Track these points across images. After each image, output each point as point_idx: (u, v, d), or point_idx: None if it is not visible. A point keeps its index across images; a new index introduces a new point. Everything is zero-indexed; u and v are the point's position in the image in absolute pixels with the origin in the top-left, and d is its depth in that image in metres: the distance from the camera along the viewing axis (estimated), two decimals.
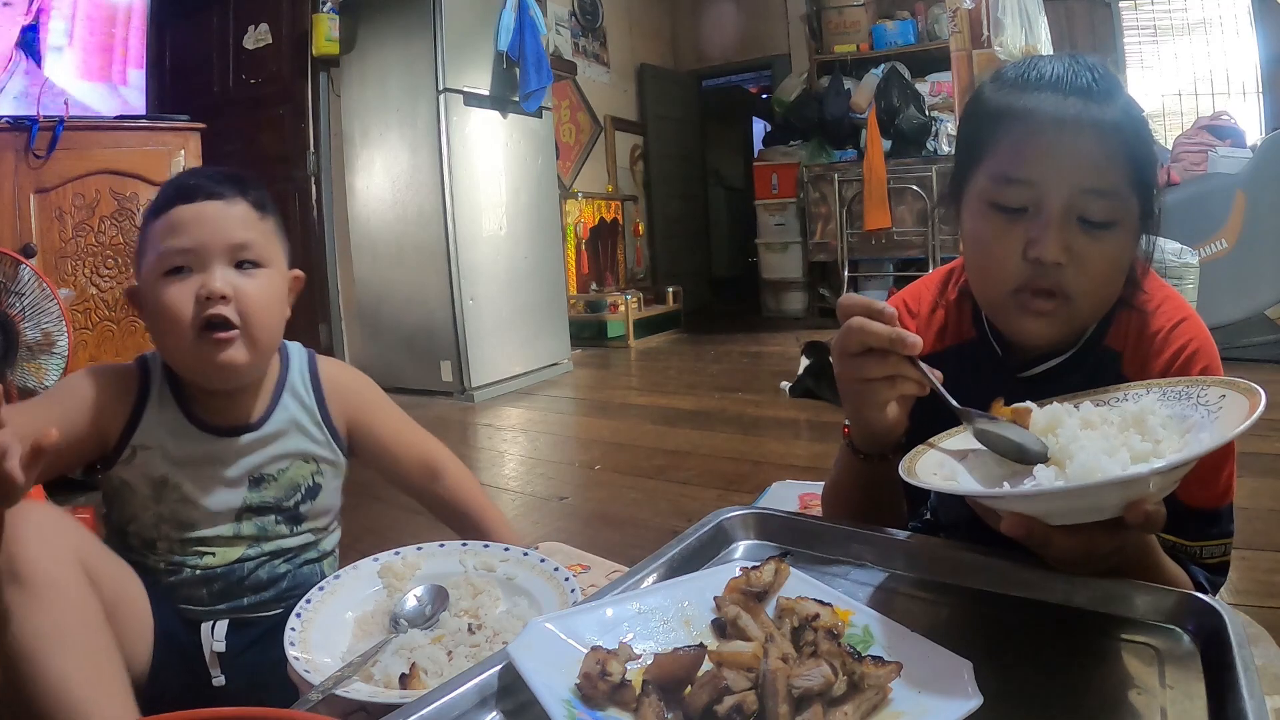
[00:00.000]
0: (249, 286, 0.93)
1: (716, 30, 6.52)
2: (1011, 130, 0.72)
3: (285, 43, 3.62)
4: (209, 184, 0.95)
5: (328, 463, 1.05)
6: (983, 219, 0.75)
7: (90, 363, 2.34)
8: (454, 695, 0.54)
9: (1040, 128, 0.70)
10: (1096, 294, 0.73)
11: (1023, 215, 0.72)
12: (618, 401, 3.53)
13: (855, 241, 5.39)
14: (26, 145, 2.22)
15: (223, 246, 0.93)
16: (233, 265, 0.93)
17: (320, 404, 1.04)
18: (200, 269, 0.91)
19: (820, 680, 0.50)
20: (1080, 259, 0.71)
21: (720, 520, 0.81)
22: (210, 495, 0.96)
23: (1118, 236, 0.72)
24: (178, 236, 0.91)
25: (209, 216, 0.93)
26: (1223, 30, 4.79)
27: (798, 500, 1.97)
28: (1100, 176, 0.69)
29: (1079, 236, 0.70)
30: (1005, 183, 0.72)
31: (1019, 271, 0.72)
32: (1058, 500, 0.57)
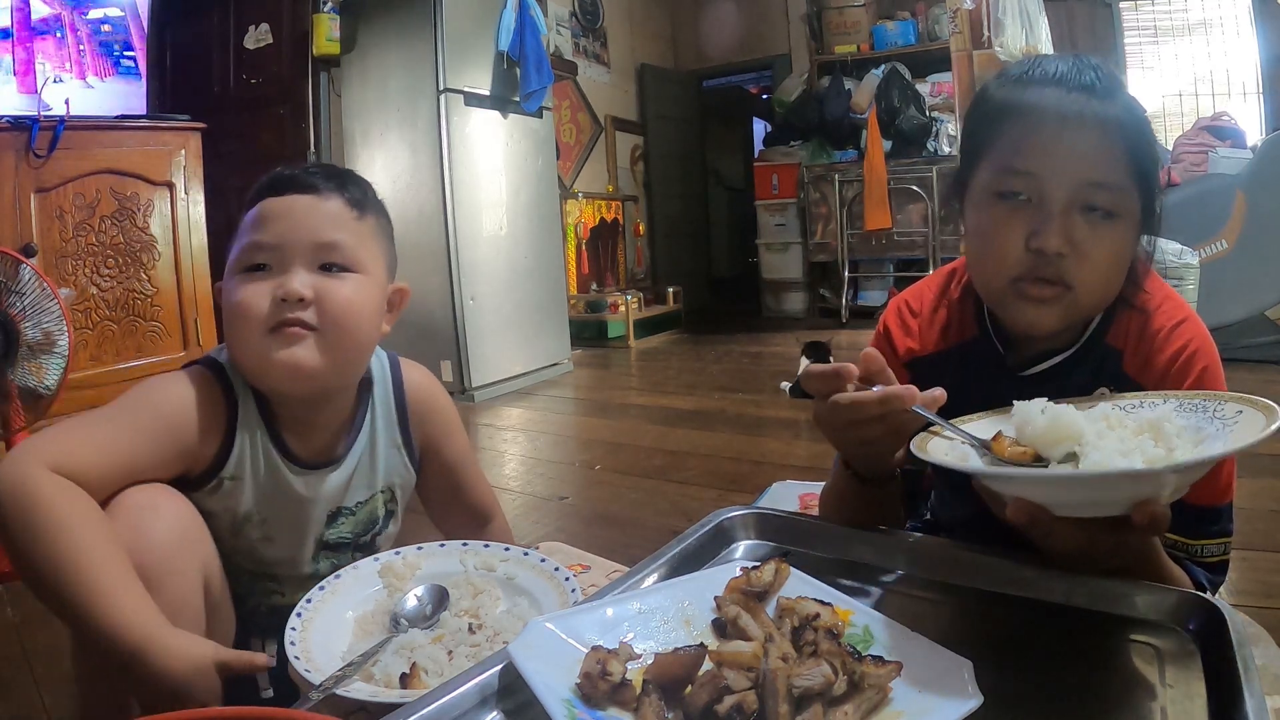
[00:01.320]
0: (333, 290, 0.84)
1: (717, 30, 6.52)
2: (1015, 124, 0.73)
3: (286, 42, 3.62)
4: (303, 176, 0.86)
5: (402, 488, 0.99)
6: (986, 210, 0.76)
7: (91, 363, 2.35)
8: (454, 695, 0.54)
9: (1043, 121, 0.71)
10: (1097, 285, 0.74)
11: (1025, 206, 0.73)
12: (618, 401, 3.53)
13: (855, 242, 5.39)
14: (27, 145, 2.22)
15: (308, 245, 0.84)
16: (318, 267, 0.85)
17: (403, 419, 0.97)
18: (281, 268, 0.83)
19: (820, 680, 0.50)
20: (1081, 250, 0.71)
21: (720, 520, 0.81)
22: (290, 534, 0.91)
23: (1119, 229, 0.72)
24: (261, 231, 0.84)
25: (297, 211, 0.85)
26: (1223, 31, 4.79)
27: (798, 500, 1.97)
28: (1102, 169, 0.70)
29: (1081, 227, 0.71)
30: (1009, 174, 0.73)
31: (1021, 261, 0.73)
32: (1068, 488, 0.57)
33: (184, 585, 0.75)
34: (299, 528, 0.92)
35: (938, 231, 5.04)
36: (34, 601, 1.52)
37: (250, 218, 0.85)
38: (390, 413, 0.97)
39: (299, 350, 0.83)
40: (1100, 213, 0.71)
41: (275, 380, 0.86)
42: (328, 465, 0.92)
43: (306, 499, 0.91)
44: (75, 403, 2.22)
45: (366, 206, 0.90)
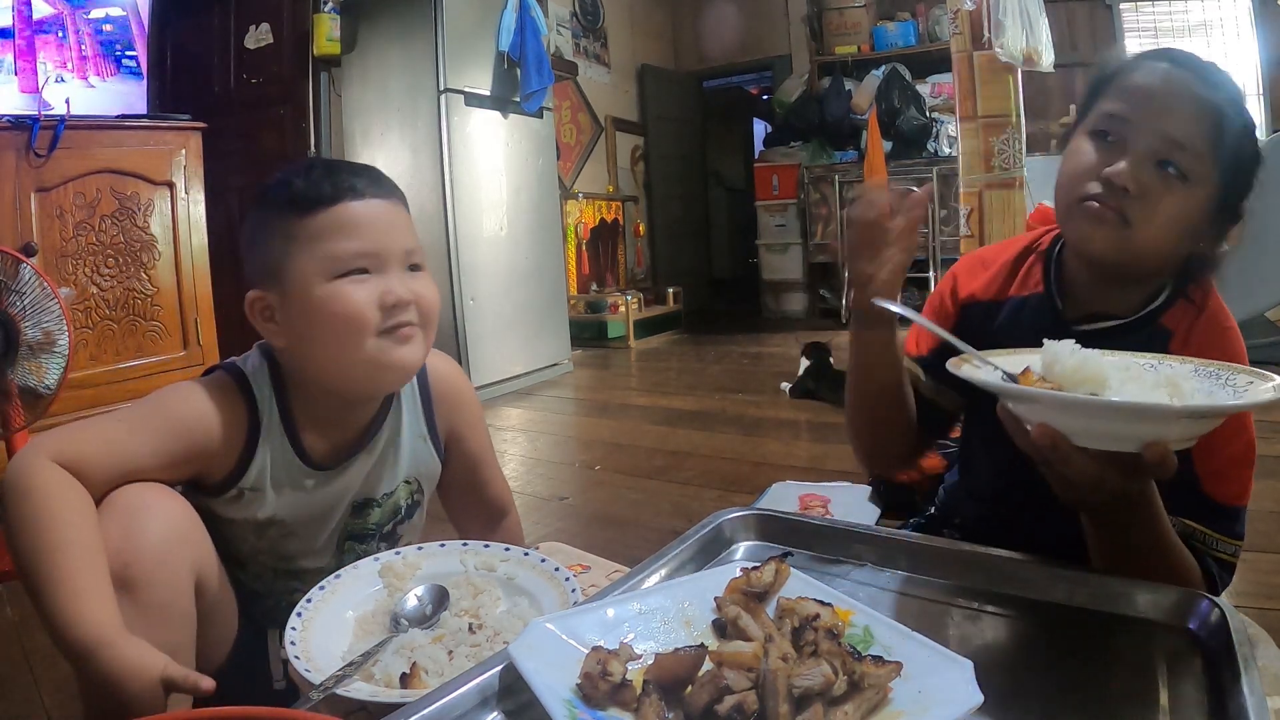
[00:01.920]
0: (425, 289, 0.88)
1: (717, 31, 6.52)
2: (1124, 78, 0.80)
3: (286, 42, 3.62)
4: (365, 182, 0.86)
5: (427, 478, 1.00)
6: (1079, 142, 0.83)
7: (91, 362, 2.34)
8: (455, 695, 0.54)
9: (1149, 79, 0.79)
10: (1152, 235, 0.78)
11: (1112, 146, 0.79)
12: (618, 402, 3.53)
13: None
14: (28, 144, 2.22)
15: (401, 250, 0.86)
16: (405, 268, 0.87)
17: (428, 409, 0.98)
18: (380, 273, 0.84)
19: (820, 680, 0.50)
20: (1147, 194, 0.76)
21: (721, 521, 0.81)
22: (313, 530, 0.91)
23: (1188, 194, 0.77)
24: (354, 237, 0.83)
25: (384, 217, 0.86)
26: (1223, 32, 4.79)
27: (798, 501, 1.97)
28: (1186, 132, 0.76)
29: (1152, 175, 0.76)
30: (1104, 117, 0.80)
31: (1092, 186, 0.79)
32: (1091, 412, 0.59)
33: (174, 585, 0.75)
34: (321, 523, 0.92)
35: (938, 233, 5.05)
36: None
37: (326, 222, 0.83)
38: (416, 403, 0.97)
39: (411, 349, 0.86)
40: (1175, 172, 0.76)
41: (387, 381, 0.89)
42: (348, 460, 0.92)
43: (327, 496, 0.91)
44: (75, 402, 2.22)
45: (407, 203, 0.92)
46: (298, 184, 0.84)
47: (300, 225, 0.83)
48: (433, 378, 0.99)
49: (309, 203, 0.83)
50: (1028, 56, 3.84)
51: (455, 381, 1.02)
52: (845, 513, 1.86)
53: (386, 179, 0.89)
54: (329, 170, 0.85)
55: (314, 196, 0.83)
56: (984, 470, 0.98)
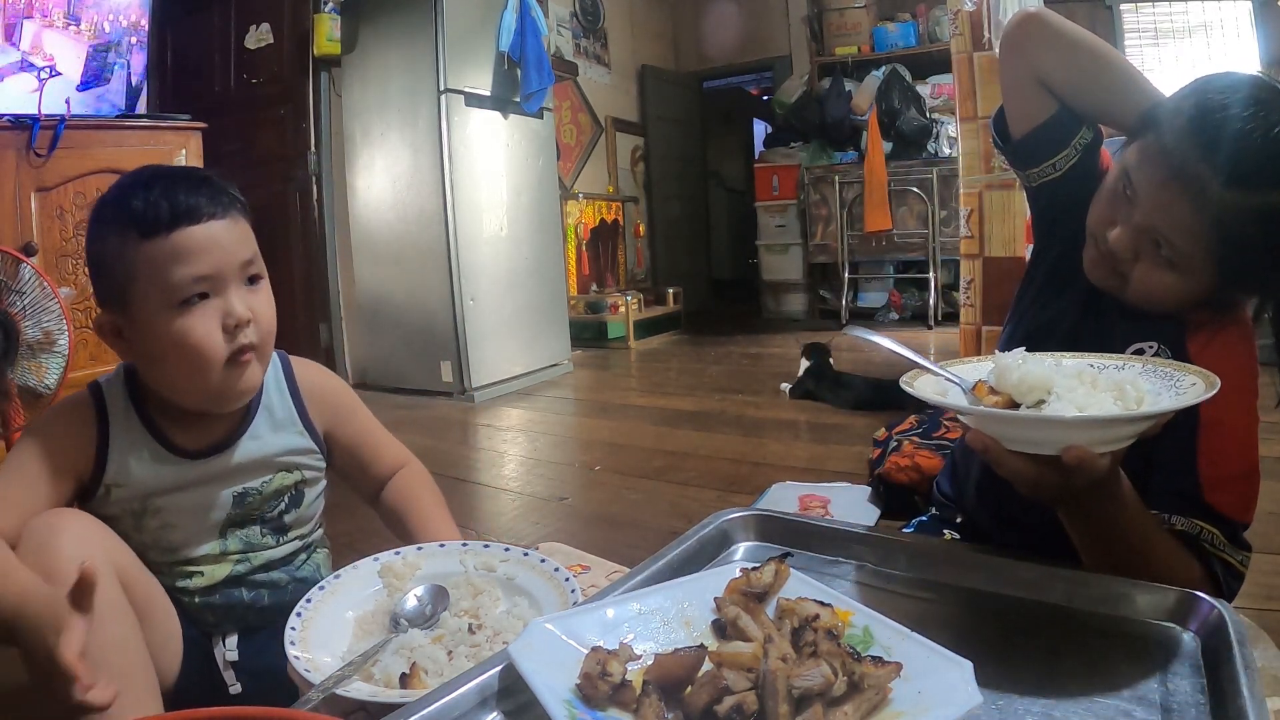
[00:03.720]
0: (260, 304, 0.90)
1: (718, 31, 6.52)
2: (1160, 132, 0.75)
3: (286, 42, 3.62)
4: (203, 201, 0.86)
5: (310, 469, 1.02)
6: (1115, 168, 0.81)
7: (91, 361, 2.34)
8: (455, 695, 0.54)
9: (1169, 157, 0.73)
10: (1145, 297, 0.79)
11: (1124, 205, 0.78)
12: (618, 402, 3.53)
13: (856, 243, 5.40)
14: (28, 144, 2.22)
15: (236, 267, 0.87)
16: (244, 282, 0.89)
17: (300, 409, 1.01)
18: (218, 293, 0.86)
19: (820, 680, 0.50)
20: (1142, 263, 0.78)
21: (720, 521, 0.81)
22: (193, 517, 0.93)
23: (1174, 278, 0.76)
24: (192, 263, 0.84)
25: (219, 238, 0.86)
26: (1223, 33, 4.79)
27: (797, 502, 1.97)
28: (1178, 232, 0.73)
29: (1147, 249, 0.77)
30: (1125, 172, 0.78)
31: (1100, 236, 0.80)
32: (1000, 424, 0.66)
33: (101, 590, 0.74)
34: (202, 513, 0.94)
35: (938, 233, 5.05)
36: None
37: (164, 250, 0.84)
38: (285, 398, 1.01)
39: (251, 374, 0.90)
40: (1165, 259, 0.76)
41: (229, 403, 0.92)
42: (219, 449, 0.95)
43: (198, 482, 0.93)
44: None
45: (247, 209, 0.93)
46: (136, 204, 0.84)
47: (139, 250, 0.84)
48: (300, 382, 1.03)
49: (146, 226, 0.84)
50: None
51: (322, 383, 1.06)
52: (845, 513, 1.86)
53: (226, 190, 0.90)
54: (166, 188, 0.85)
55: (152, 220, 0.84)
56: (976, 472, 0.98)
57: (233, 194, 0.91)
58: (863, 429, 2.60)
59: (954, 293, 4.38)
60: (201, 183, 0.89)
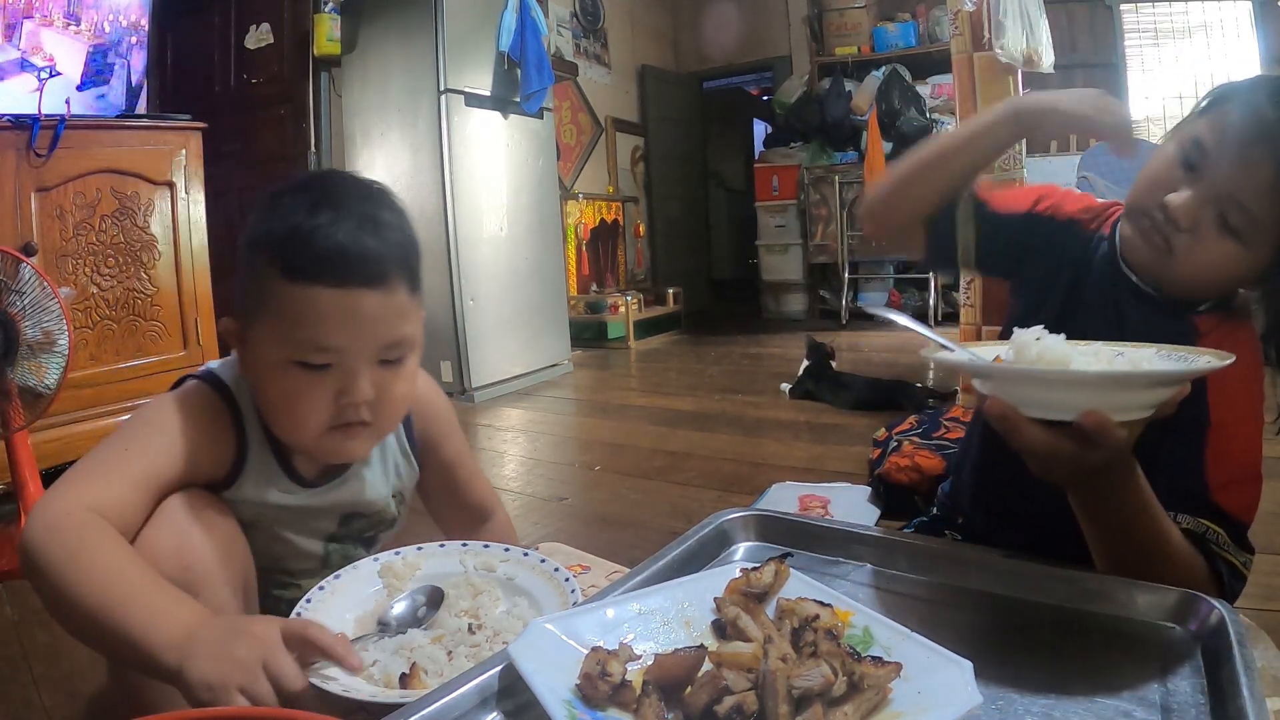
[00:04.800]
0: (393, 384, 0.81)
1: (718, 32, 6.52)
2: (1229, 107, 0.78)
3: (287, 42, 3.62)
4: (363, 265, 0.75)
5: (408, 489, 1.00)
6: (1166, 146, 0.83)
7: (91, 362, 2.34)
8: (454, 695, 0.54)
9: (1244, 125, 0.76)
10: (1191, 273, 0.79)
11: (1188, 172, 0.79)
12: (618, 402, 3.53)
13: (856, 243, 5.40)
14: (28, 144, 2.22)
15: (375, 348, 0.78)
16: (379, 361, 0.80)
17: (407, 423, 0.96)
18: (344, 369, 0.78)
19: (820, 680, 0.50)
20: (1199, 236, 0.77)
21: (720, 522, 0.81)
22: (299, 535, 0.91)
23: (1238, 250, 0.76)
24: (321, 331, 0.75)
25: (364, 313, 0.76)
26: (1224, 33, 4.79)
27: (797, 502, 1.97)
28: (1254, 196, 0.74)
29: (1209, 219, 0.77)
30: (1193, 141, 0.79)
31: (1156, 205, 0.80)
32: (1019, 384, 0.64)
33: (220, 596, 0.75)
34: (309, 534, 0.92)
35: None
36: (33, 600, 1.52)
37: (298, 303, 0.75)
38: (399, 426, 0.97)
39: (354, 443, 0.83)
40: (1232, 225, 0.76)
41: (321, 459, 0.87)
42: (336, 478, 0.92)
43: (315, 511, 0.91)
44: (75, 402, 2.22)
45: (419, 275, 0.83)
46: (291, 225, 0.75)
47: (275, 282, 0.76)
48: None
49: (287, 262, 0.75)
50: (1028, 58, 3.84)
51: (429, 394, 1.01)
52: (845, 513, 1.86)
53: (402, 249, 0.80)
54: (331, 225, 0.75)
55: (293, 258, 0.75)
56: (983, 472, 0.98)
57: (407, 258, 0.80)
58: (863, 429, 2.60)
59: (954, 293, 4.38)
60: (377, 231, 0.77)
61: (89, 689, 1.25)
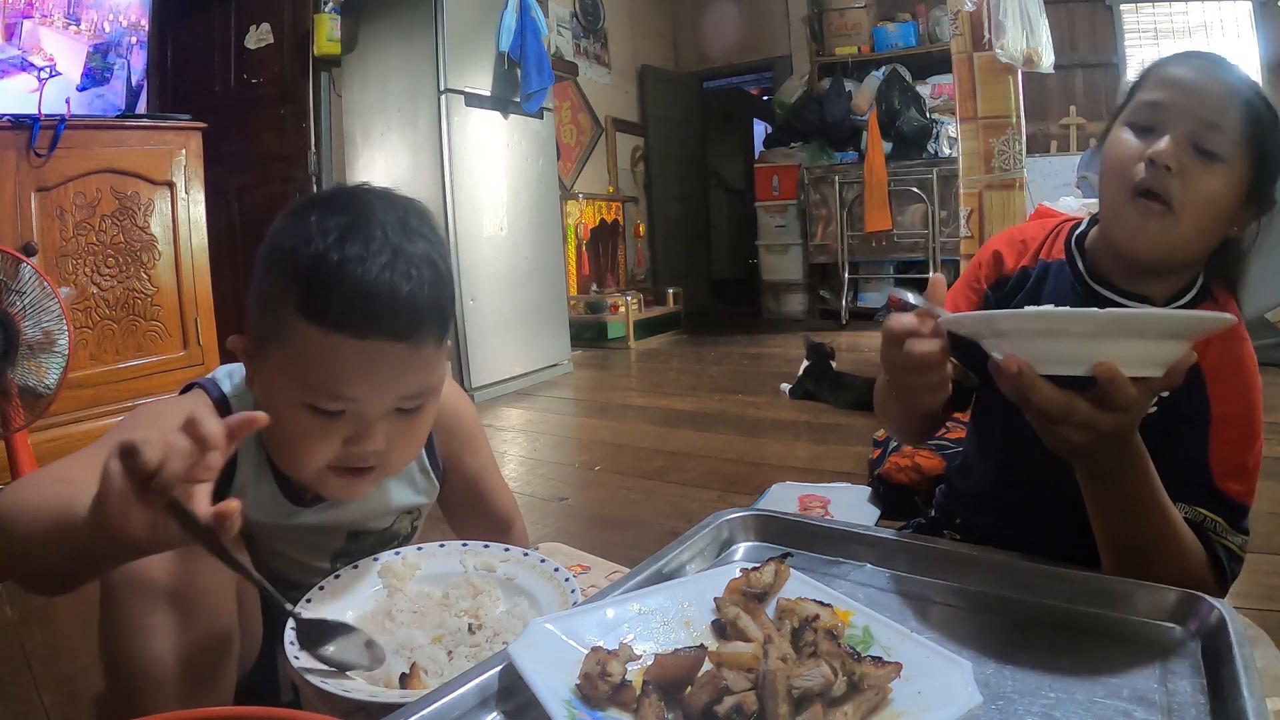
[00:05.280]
0: (408, 431, 0.78)
1: (718, 32, 6.52)
2: (1163, 73, 0.84)
3: (287, 42, 3.62)
4: (393, 317, 0.70)
5: (427, 504, 0.98)
6: (1118, 133, 0.86)
7: (91, 362, 2.34)
8: (454, 695, 0.54)
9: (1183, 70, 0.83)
10: (1194, 216, 0.80)
11: (1150, 134, 0.82)
12: (618, 402, 3.53)
13: (856, 243, 5.40)
14: (28, 144, 2.22)
15: (391, 400, 0.74)
16: (395, 409, 0.76)
17: (430, 438, 0.91)
18: (356, 416, 0.74)
19: (820, 680, 0.50)
20: (1187, 175, 0.79)
21: (720, 522, 0.81)
22: (301, 552, 0.88)
23: (1223, 175, 0.80)
24: (337, 381, 0.71)
25: (386, 366, 0.71)
26: (1224, 33, 4.79)
27: (797, 502, 1.97)
28: (1217, 114, 0.79)
29: (1190, 158, 0.79)
30: (1145, 106, 0.83)
31: (1137, 171, 0.81)
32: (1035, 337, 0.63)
33: (220, 606, 0.74)
34: (310, 549, 0.90)
35: (938, 233, 5.05)
36: (33, 600, 1.52)
37: (316, 345, 0.70)
38: None
39: (358, 484, 0.79)
40: (1209, 150, 0.79)
41: (318, 492, 0.83)
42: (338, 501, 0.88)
43: (316, 530, 0.89)
44: (75, 402, 2.22)
45: (449, 320, 0.77)
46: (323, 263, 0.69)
47: (294, 319, 0.70)
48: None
49: (307, 300, 0.70)
50: (1028, 58, 3.84)
51: (454, 403, 0.96)
52: (845, 514, 1.86)
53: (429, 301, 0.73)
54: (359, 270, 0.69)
55: (322, 305, 0.69)
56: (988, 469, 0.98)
57: (440, 305, 0.74)
58: (863, 429, 2.60)
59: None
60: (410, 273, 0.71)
61: (89, 689, 1.25)
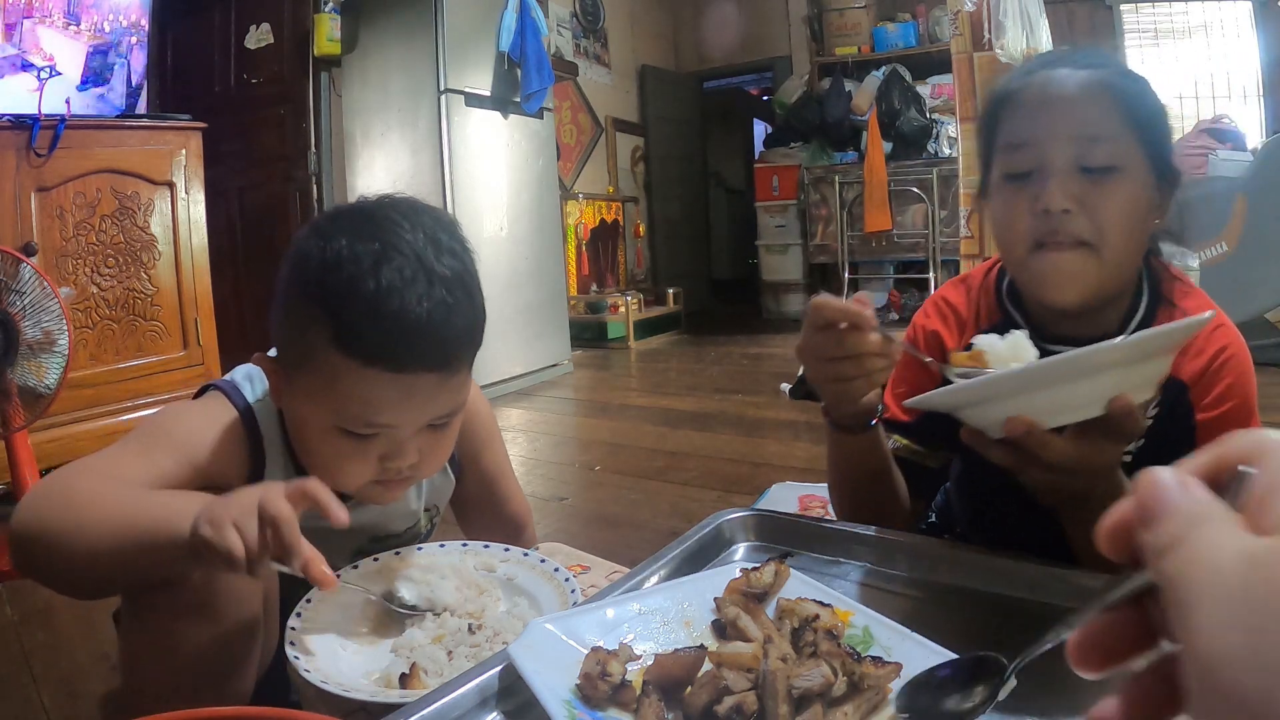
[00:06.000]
0: (439, 442, 0.79)
1: (718, 32, 6.52)
2: (1010, 107, 0.78)
3: (287, 42, 3.63)
4: (429, 351, 0.71)
5: (443, 503, 0.98)
6: (1000, 193, 0.79)
7: (91, 362, 2.34)
8: (454, 695, 0.54)
9: (1035, 94, 0.76)
10: (1115, 242, 0.75)
11: (1031, 180, 0.76)
12: (618, 402, 3.53)
13: (856, 243, 5.40)
14: (28, 144, 2.22)
15: (423, 421, 0.76)
16: (426, 428, 0.77)
17: None
18: (391, 442, 0.75)
19: (820, 680, 0.50)
20: (1089, 206, 0.73)
21: (720, 522, 0.81)
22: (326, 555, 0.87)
23: (1124, 183, 0.74)
24: (372, 411, 0.72)
25: (421, 394, 0.73)
26: (1224, 33, 4.79)
27: (797, 502, 1.97)
28: (1093, 123, 0.73)
29: (1084, 185, 0.74)
30: (1012, 151, 0.77)
31: (1033, 227, 0.75)
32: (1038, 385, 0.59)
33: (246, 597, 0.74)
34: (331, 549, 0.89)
35: (938, 234, 5.05)
36: (33, 600, 1.52)
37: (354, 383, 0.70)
38: None
39: (395, 491, 0.81)
40: (1101, 170, 0.73)
41: (361, 500, 0.83)
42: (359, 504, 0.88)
43: (340, 533, 0.88)
44: (75, 402, 2.22)
45: (478, 342, 0.78)
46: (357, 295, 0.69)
47: (327, 350, 0.71)
48: None
49: (341, 333, 0.70)
50: (1028, 57, 3.84)
51: (472, 404, 0.95)
52: None
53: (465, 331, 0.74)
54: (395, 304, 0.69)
55: (357, 340, 0.69)
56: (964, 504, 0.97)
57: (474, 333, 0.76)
58: None
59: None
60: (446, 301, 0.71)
61: (89, 689, 1.25)
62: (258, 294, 3.55)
